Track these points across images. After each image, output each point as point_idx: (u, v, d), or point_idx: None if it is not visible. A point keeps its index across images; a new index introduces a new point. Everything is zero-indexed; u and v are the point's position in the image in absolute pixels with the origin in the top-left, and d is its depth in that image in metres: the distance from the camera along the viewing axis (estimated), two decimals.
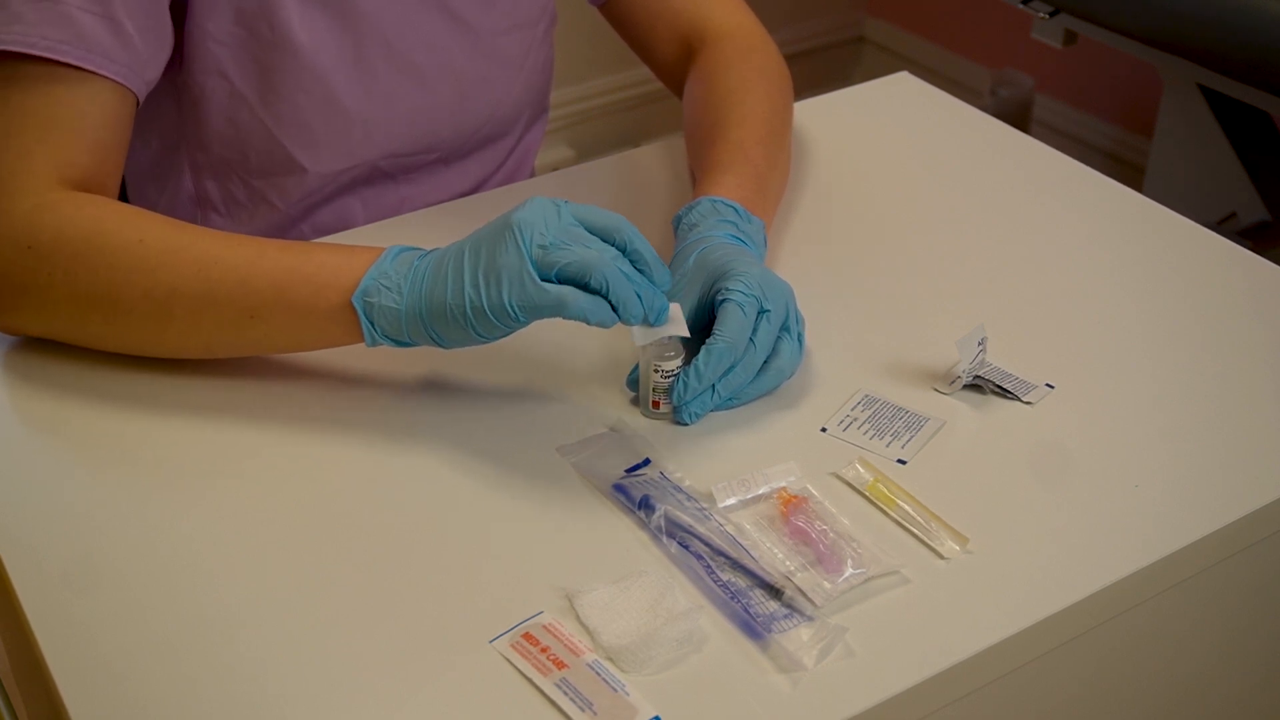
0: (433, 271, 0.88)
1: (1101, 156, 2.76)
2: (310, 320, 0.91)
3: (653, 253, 0.89)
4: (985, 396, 0.95)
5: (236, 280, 0.91)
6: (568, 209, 0.88)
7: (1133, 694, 0.93)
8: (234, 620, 0.78)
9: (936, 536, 0.83)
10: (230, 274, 0.91)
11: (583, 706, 0.72)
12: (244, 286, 0.91)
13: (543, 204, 0.87)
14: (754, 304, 0.92)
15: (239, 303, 0.91)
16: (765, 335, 0.92)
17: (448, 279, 0.87)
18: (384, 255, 0.90)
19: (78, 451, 0.92)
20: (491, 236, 0.87)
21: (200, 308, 0.92)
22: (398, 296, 0.88)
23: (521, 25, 1.19)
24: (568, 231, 0.86)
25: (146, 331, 0.94)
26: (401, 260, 0.90)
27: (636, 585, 0.79)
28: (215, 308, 0.91)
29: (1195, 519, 0.85)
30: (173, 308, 0.92)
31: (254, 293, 0.91)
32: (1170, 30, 1.88)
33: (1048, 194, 1.20)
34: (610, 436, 0.91)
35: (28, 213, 0.93)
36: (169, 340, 0.94)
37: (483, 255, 0.86)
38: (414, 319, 0.88)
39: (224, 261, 0.91)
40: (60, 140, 0.96)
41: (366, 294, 0.88)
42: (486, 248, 0.86)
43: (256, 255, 0.92)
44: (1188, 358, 1.00)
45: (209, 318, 0.92)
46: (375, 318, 0.89)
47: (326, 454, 0.90)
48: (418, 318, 0.88)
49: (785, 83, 1.19)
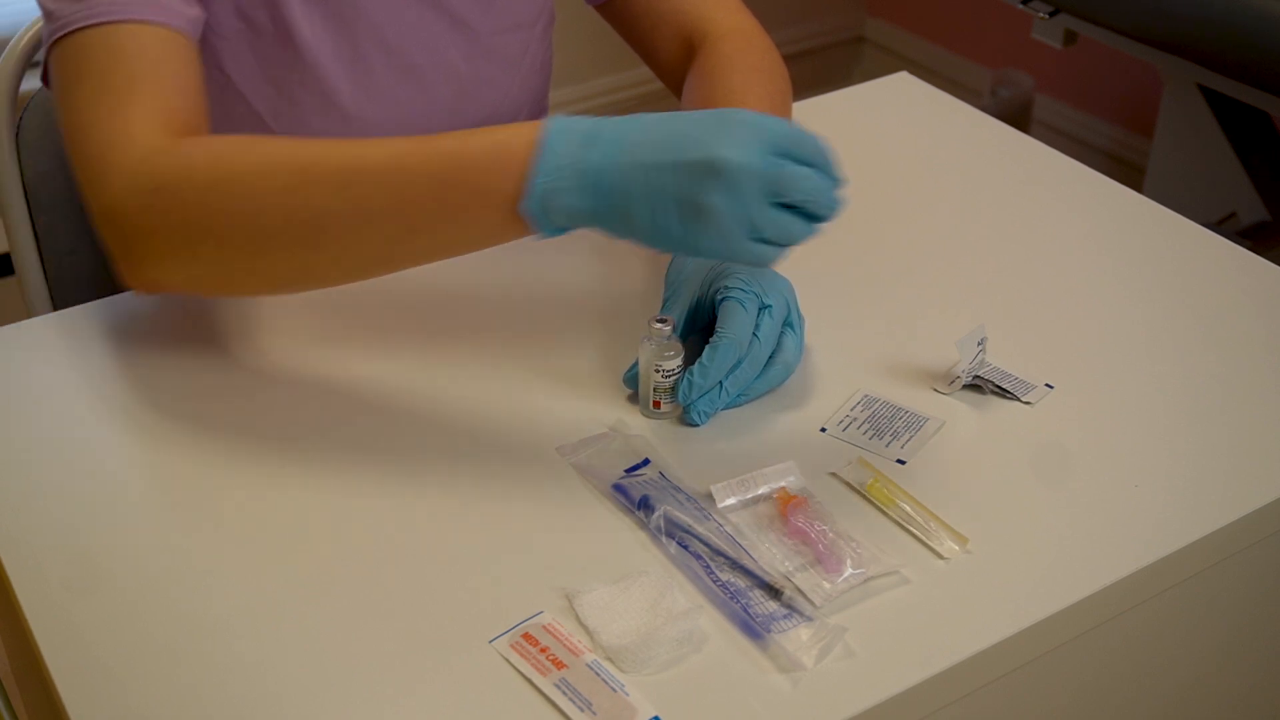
0: (620, 181, 0.80)
1: (1101, 156, 2.76)
2: (477, 226, 0.85)
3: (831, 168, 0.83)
4: (985, 396, 0.95)
5: (388, 191, 0.85)
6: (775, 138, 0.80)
7: (1133, 694, 0.93)
8: (233, 621, 0.78)
9: (936, 536, 0.83)
10: (380, 186, 0.85)
11: (582, 706, 0.72)
12: (398, 198, 0.85)
13: (751, 141, 0.80)
14: (754, 300, 0.92)
15: (396, 217, 0.85)
16: (768, 330, 0.92)
17: (637, 200, 0.80)
18: (545, 139, 0.82)
19: (78, 452, 0.91)
20: (695, 171, 0.79)
21: (353, 227, 0.86)
22: (572, 198, 0.81)
23: (520, 25, 1.19)
24: (778, 177, 0.79)
25: (297, 258, 0.89)
26: (567, 143, 0.82)
27: (636, 585, 0.79)
28: (370, 225, 0.86)
29: (1195, 519, 0.85)
30: (324, 230, 0.87)
31: (410, 205, 0.85)
32: (1170, 30, 1.88)
33: (1048, 194, 1.20)
34: (610, 436, 0.91)
35: (143, 159, 0.90)
36: (324, 264, 0.90)
37: (682, 188, 0.79)
38: (594, 222, 0.82)
39: (369, 173, 0.85)
40: (149, 90, 0.93)
41: (537, 195, 0.82)
42: (688, 180, 0.79)
43: (401, 158, 0.85)
44: (1188, 358, 1.00)
45: (365, 235, 0.87)
46: (550, 219, 0.82)
47: (325, 454, 0.90)
48: (600, 222, 0.82)
49: (785, 82, 1.19)
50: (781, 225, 0.81)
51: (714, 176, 0.79)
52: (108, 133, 0.91)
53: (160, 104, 0.93)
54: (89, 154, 0.92)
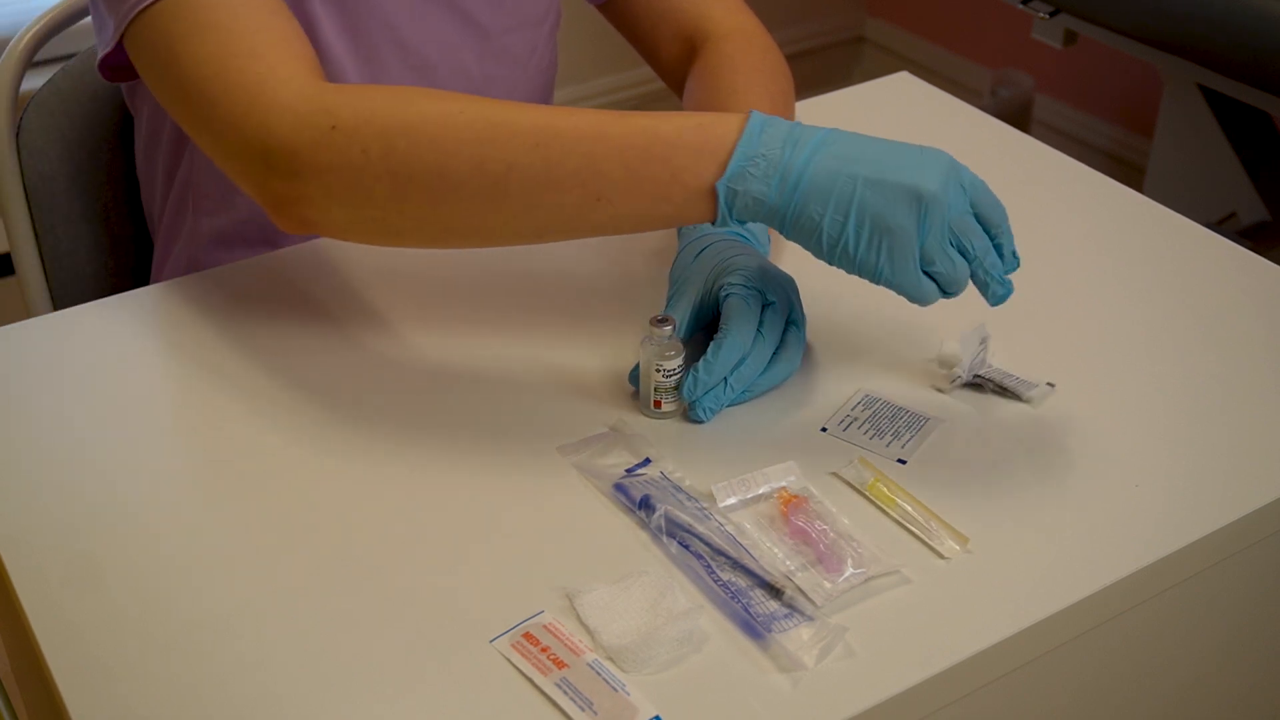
0: (816, 184, 0.83)
1: (1101, 156, 2.76)
2: (664, 204, 0.85)
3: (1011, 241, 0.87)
4: (985, 396, 0.95)
5: (581, 157, 0.85)
6: (968, 187, 0.85)
7: (1133, 694, 0.93)
8: (234, 620, 0.78)
9: (936, 536, 0.83)
10: (572, 151, 0.85)
11: (583, 706, 0.72)
12: (590, 165, 0.85)
13: (951, 179, 0.83)
14: (757, 297, 0.92)
15: (585, 183, 0.85)
16: (772, 326, 0.92)
17: (829, 205, 0.83)
18: (749, 129, 0.84)
19: (78, 452, 0.91)
20: (893, 192, 0.82)
21: (540, 186, 0.86)
22: (765, 189, 0.83)
23: (528, 23, 1.20)
24: (961, 223, 0.84)
25: (475, 211, 0.87)
26: (769, 138, 0.84)
27: (636, 585, 0.79)
28: (556, 188, 0.85)
29: (1195, 519, 0.85)
30: (509, 185, 0.86)
31: (601, 174, 0.85)
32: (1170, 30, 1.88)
33: (1048, 194, 1.20)
34: (610, 436, 0.91)
35: (312, 98, 0.88)
36: (500, 221, 0.88)
37: (876, 204, 0.82)
38: (777, 218, 0.84)
39: (563, 136, 0.85)
40: (279, 36, 0.92)
41: (733, 180, 0.83)
42: (883, 199, 0.82)
43: (598, 129, 0.85)
44: (1188, 358, 1.00)
45: (549, 198, 0.86)
46: (736, 206, 0.84)
47: (326, 454, 0.90)
48: (783, 220, 0.84)
49: (788, 82, 1.19)
50: (953, 264, 0.84)
51: (913, 203, 0.82)
52: (258, 73, 0.90)
53: (296, 49, 0.92)
54: (237, 97, 0.89)
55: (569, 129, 0.85)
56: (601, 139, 0.85)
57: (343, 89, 0.90)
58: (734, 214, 0.85)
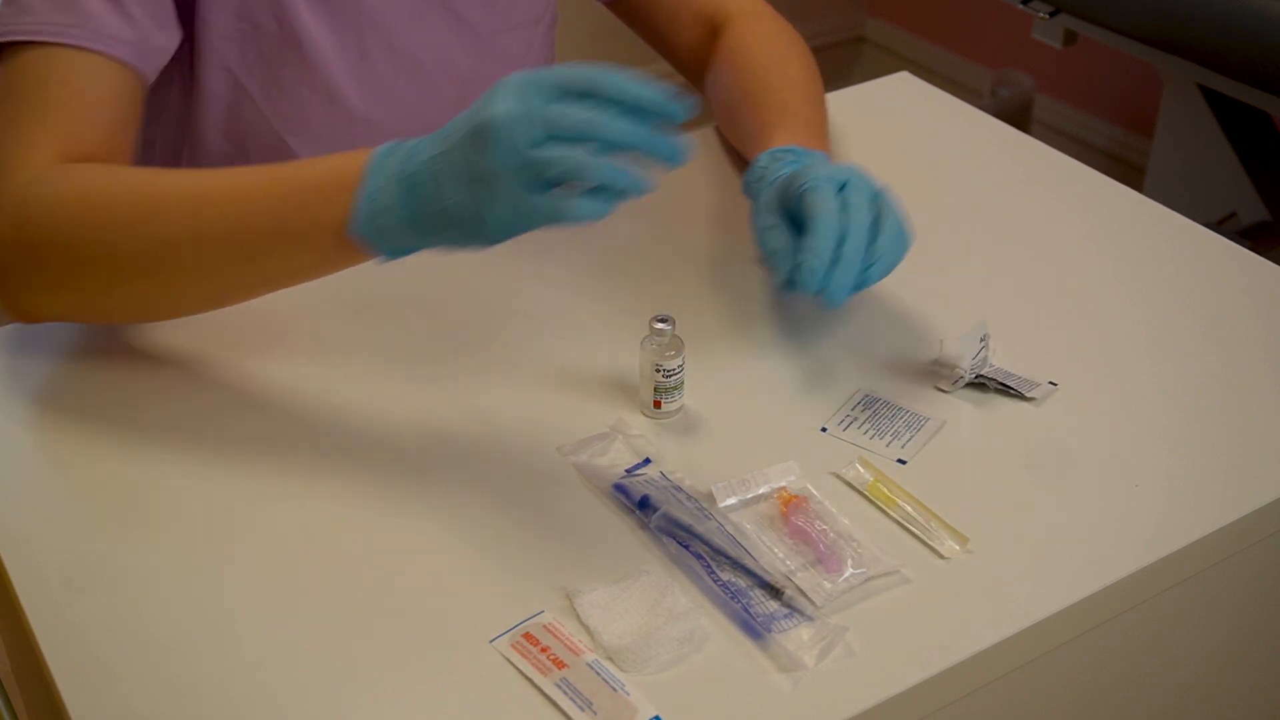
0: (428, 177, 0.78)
1: (1101, 156, 2.76)
2: (312, 253, 0.85)
3: (645, 88, 0.77)
4: (986, 395, 0.95)
5: (230, 219, 0.84)
6: (543, 85, 0.77)
7: (1133, 694, 0.93)
8: (234, 620, 0.78)
9: (936, 536, 0.83)
10: (221, 214, 0.84)
11: (583, 706, 0.72)
12: (239, 225, 0.84)
13: (514, 93, 0.76)
14: (830, 182, 0.93)
15: (235, 244, 0.84)
16: (857, 200, 0.92)
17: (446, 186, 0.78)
18: (371, 169, 0.81)
19: (78, 452, 0.91)
20: (469, 136, 0.77)
21: (196, 255, 0.85)
22: (401, 208, 0.79)
23: (522, 24, 1.20)
24: (549, 120, 0.76)
25: (148, 290, 0.89)
26: (389, 165, 0.80)
27: (636, 585, 0.79)
28: (213, 253, 0.85)
29: (1195, 519, 0.85)
30: (166, 259, 0.86)
31: (248, 228, 0.84)
32: (1170, 30, 1.88)
33: (1048, 194, 1.20)
34: (610, 436, 0.91)
35: (22, 188, 0.90)
36: (172, 297, 0.89)
37: (469, 159, 0.77)
38: (421, 227, 0.80)
39: (214, 201, 0.85)
40: (59, 118, 0.93)
41: (369, 217, 0.80)
42: (469, 150, 0.77)
43: (246, 187, 0.84)
44: (1188, 357, 1.00)
45: (206, 265, 0.86)
46: (385, 236, 0.81)
47: (325, 454, 0.90)
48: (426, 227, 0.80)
49: (813, 60, 1.21)
50: (562, 159, 0.75)
51: (485, 138, 0.76)
52: (4, 157, 0.92)
53: (63, 131, 0.93)
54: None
55: (220, 191, 0.86)
56: (246, 195, 0.85)
57: (55, 174, 0.91)
58: (389, 246, 0.81)
